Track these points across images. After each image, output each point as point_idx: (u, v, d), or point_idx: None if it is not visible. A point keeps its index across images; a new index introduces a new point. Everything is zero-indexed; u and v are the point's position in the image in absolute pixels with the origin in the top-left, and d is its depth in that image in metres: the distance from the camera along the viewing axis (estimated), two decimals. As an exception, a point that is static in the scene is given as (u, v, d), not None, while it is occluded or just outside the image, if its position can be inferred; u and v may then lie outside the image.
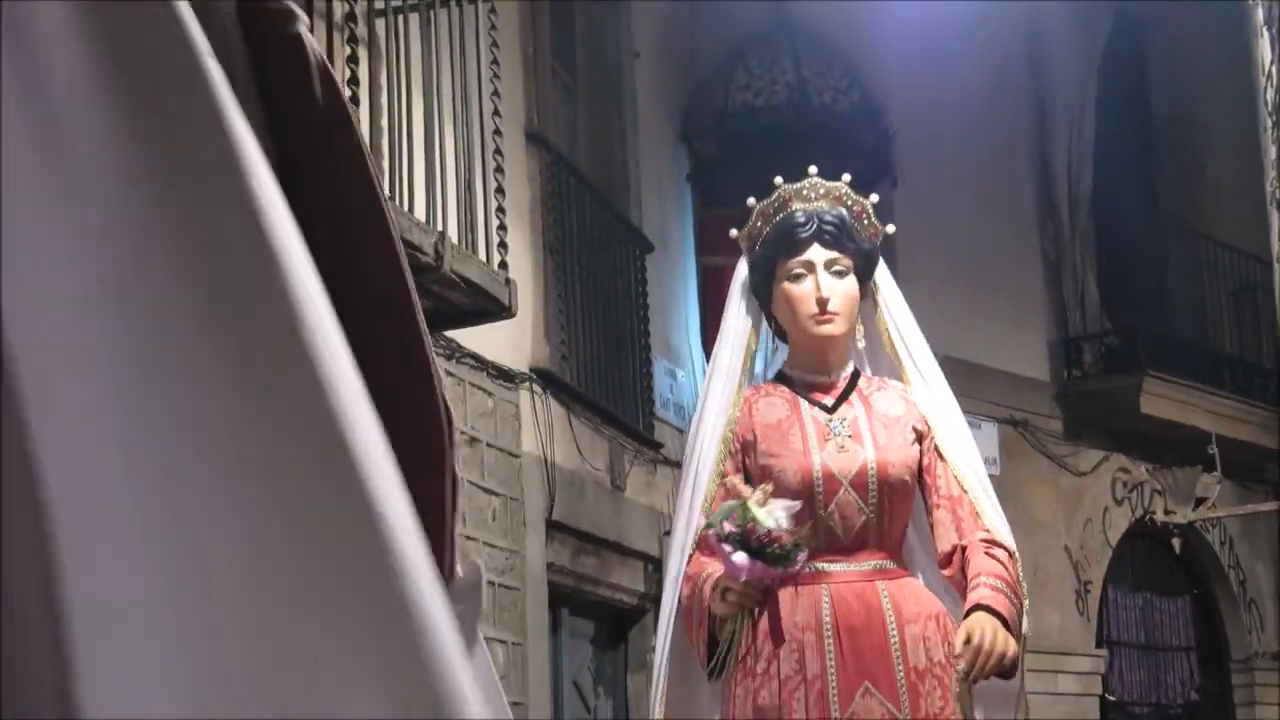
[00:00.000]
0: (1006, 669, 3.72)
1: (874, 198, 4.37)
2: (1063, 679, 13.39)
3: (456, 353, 8.48)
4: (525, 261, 8.75)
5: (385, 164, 7.14)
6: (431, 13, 7.71)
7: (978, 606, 3.75)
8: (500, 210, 7.99)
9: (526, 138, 9.23)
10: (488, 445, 8.64)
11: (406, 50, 7.59)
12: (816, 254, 4.10)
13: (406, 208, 7.15)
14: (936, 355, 4.46)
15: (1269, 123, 9.34)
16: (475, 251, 7.74)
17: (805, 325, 4.14)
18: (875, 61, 12.28)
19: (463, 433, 8.47)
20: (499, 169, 8.02)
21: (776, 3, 12.12)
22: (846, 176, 4.32)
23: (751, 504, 3.92)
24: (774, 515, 3.90)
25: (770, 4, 12.10)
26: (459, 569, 1.84)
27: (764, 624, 4.03)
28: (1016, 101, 14.18)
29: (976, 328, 12.81)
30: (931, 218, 12.33)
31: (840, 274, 4.10)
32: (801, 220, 4.13)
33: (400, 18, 7.52)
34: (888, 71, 12.27)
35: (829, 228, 4.10)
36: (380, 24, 7.41)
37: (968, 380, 12.68)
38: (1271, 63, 8.25)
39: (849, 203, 4.20)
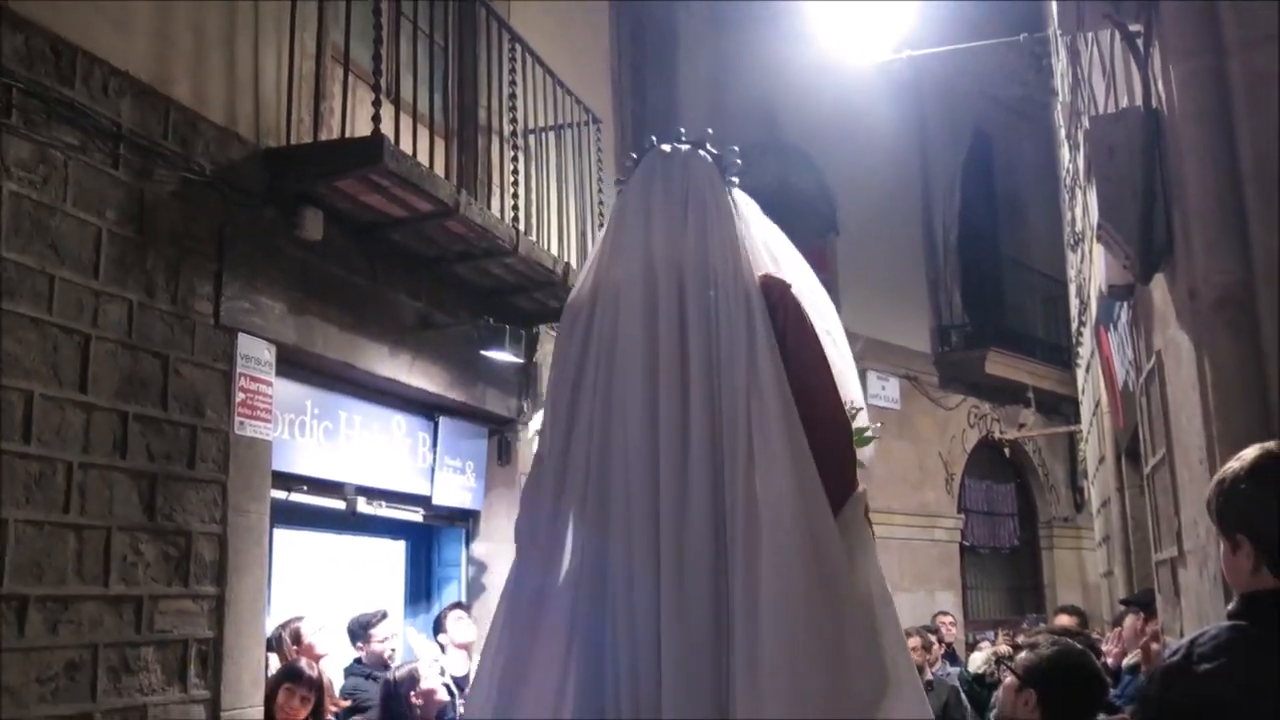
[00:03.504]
0: None
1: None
2: (936, 532, 13.45)
3: (575, 334, 8.58)
4: (616, 279, 8.83)
5: (534, 222, 7.24)
6: (562, 131, 7.76)
7: None
8: (602, 249, 8.08)
9: (617, 205, 9.30)
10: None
11: (547, 153, 7.68)
12: None
13: (545, 247, 7.24)
14: (865, 338, 4.42)
15: (1066, 197, 9.34)
16: (587, 273, 7.83)
17: None
18: (827, 161, 12.32)
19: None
20: (601, 223, 8.09)
21: (768, 128, 12.19)
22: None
23: None
24: None
25: (765, 129, 12.18)
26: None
27: None
28: (912, 186, 14.13)
29: (887, 320, 12.83)
30: (860, 255, 12.39)
31: None
32: None
33: (544, 134, 7.61)
34: (837, 167, 12.32)
35: None
36: (532, 138, 7.51)
37: (882, 351, 12.79)
38: (1069, 160, 8.25)
39: None
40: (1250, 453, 2.07)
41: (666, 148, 2.80)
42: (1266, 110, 3.05)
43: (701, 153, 2.78)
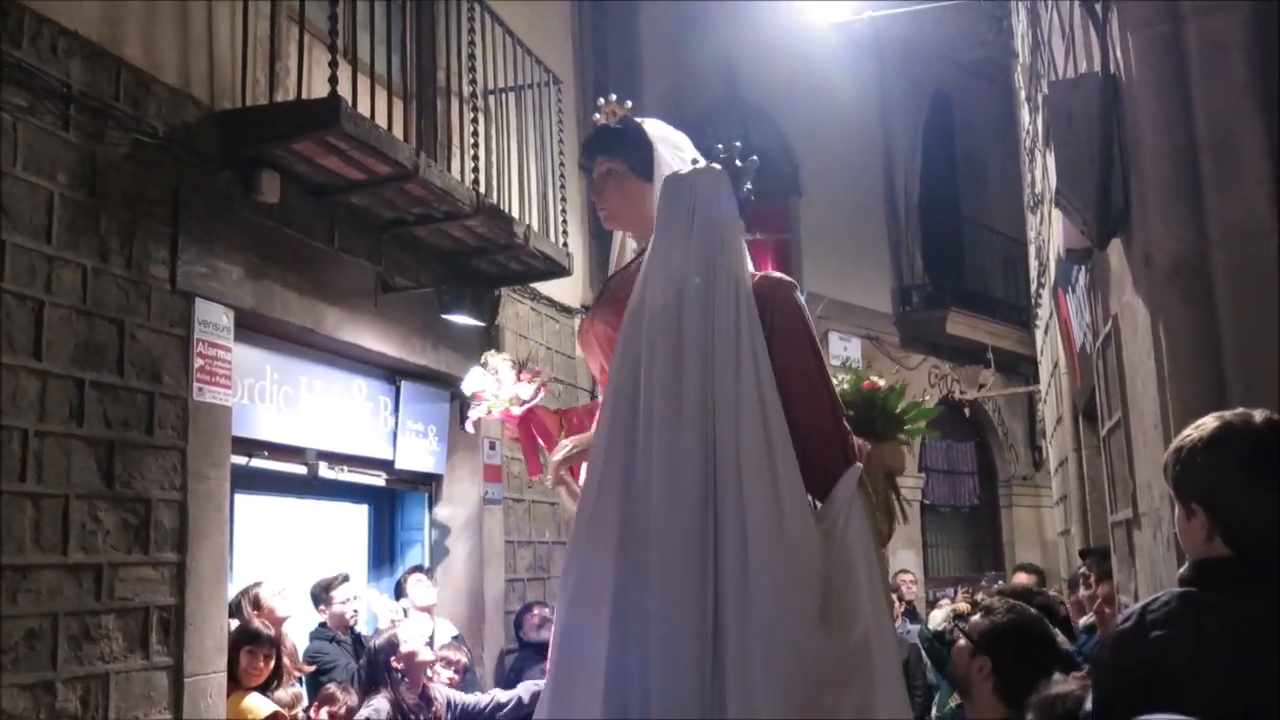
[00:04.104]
0: None
1: (613, 97, 3.35)
2: (897, 491, 13.58)
3: (538, 297, 8.56)
4: (578, 241, 8.81)
5: (495, 184, 7.19)
6: (523, 92, 7.70)
7: None
8: (563, 210, 8.05)
9: (579, 167, 9.23)
10: (556, 351, 8.74)
11: (508, 115, 7.62)
12: (597, 164, 3.26)
13: (507, 210, 7.20)
14: (827, 299, 4.43)
15: (1026, 159, 9.37)
16: (548, 235, 7.80)
17: None
18: (789, 121, 12.30)
19: (538, 343, 8.57)
20: (562, 185, 8.06)
21: (731, 88, 12.15)
22: (613, 96, 3.36)
23: None
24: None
25: (727, 89, 12.14)
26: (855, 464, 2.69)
27: None
28: (873, 147, 14.15)
29: (849, 281, 12.89)
30: (822, 216, 12.41)
31: (610, 174, 3.23)
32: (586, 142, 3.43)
33: (504, 95, 7.54)
34: (798, 128, 12.30)
35: (590, 143, 3.33)
36: (492, 99, 7.44)
37: (844, 312, 12.84)
38: (1029, 122, 8.27)
39: (606, 113, 3.30)
40: (1209, 423, 2.09)
41: (684, 169, 2.96)
42: (1222, 78, 3.07)
43: (715, 165, 2.94)
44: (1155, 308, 3.19)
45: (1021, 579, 8.10)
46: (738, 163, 2.99)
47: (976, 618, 2.97)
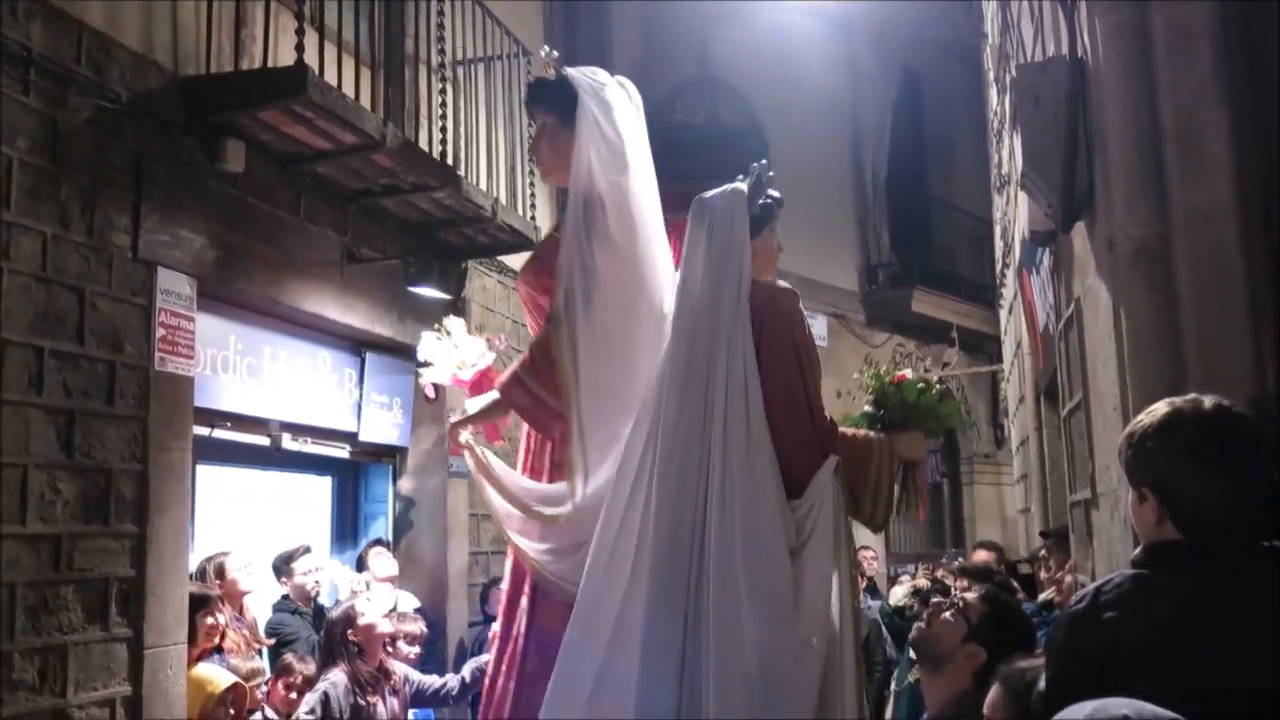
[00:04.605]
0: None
1: (550, 51, 3.41)
2: (861, 468, 13.64)
3: (505, 270, 8.52)
4: (546, 214, 8.76)
5: (463, 156, 7.15)
6: (492, 63, 7.64)
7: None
8: (531, 183, 8.01)
9: (548, 139, 9.19)
10: (522, 325, 8.67)
11: (476, 86, 7.57)
12: (536, 118, 3.36)
13: (475, 183, 7.16)
14: (792, 278, 4.43)
15: (994, 140, 9.41)
16: (516, 208, 7.77)
17: None
18: (760, 98, 12.26)
19: (505, 316, 8.54)
20: (531, 158, 8.02)
21: (701, 64, 12.12)
22: (546, 48, 3.39)
23: None
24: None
25: (698, 64, 12.10)
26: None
27: None
28: (842, 124, 14.14)
29: (816, 258, 12.90)
30: (790, 193, 12.29)
31: (544, 128, 3.29)
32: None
33: (473, 66, 7.48)
34: (767, 104, 12.26)
35: (528, 99, 3.39)
36: (460, 70, 7.39)
37: (810, 289, 12.83)
38: (997, 104, 8.30)
39: (545, 64, 3.31)
40: (1160, 409, 2.12)
41: (709, 193, 3.22)
42: (1188, 65, 3.09)
43: (736, 185, 3.26)
44: (1117, 292, 3.22)
45: (981, 556, 8.16)
46: (762, 180, 3.38)
47: (972, 599, 2.97)
